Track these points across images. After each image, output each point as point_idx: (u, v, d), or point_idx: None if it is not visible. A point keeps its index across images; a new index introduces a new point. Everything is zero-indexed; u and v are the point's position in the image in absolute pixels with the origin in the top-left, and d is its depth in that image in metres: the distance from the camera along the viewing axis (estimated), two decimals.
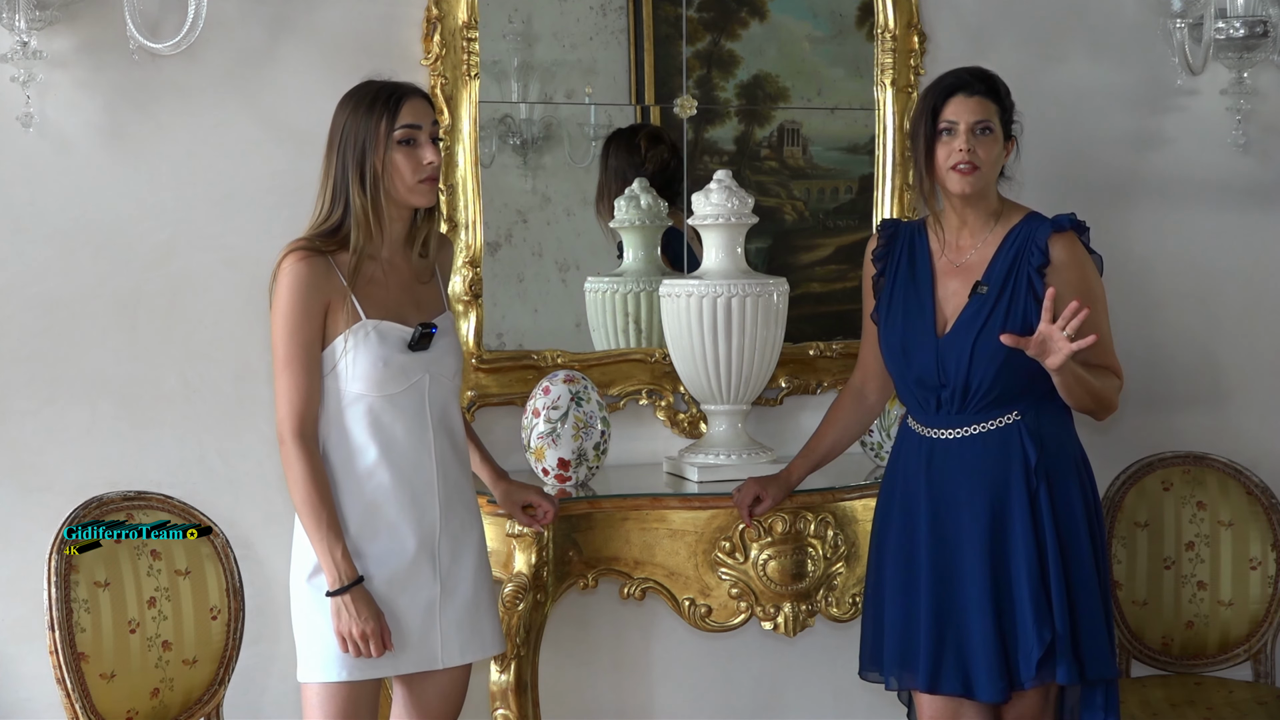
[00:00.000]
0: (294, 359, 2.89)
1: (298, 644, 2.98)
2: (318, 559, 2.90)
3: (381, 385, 2.92)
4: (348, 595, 2.87)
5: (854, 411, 3.45)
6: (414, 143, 2.94)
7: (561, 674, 3.91)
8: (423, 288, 3.04)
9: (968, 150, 3.12)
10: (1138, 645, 4.01)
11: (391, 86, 2.95)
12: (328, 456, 2.93)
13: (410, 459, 2.96)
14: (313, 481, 2.88)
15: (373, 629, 2.88)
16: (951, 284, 3.20)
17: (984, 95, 3.15)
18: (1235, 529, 3.99)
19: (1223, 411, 4.42)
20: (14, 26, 3.32)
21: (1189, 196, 4.37)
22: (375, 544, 2.93)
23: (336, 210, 2.93)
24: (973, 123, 3.14)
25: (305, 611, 2.95)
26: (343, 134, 2.92)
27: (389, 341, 2.93)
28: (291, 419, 2.88)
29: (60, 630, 3.24)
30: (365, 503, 2.93)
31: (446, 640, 3.00)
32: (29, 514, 3.49)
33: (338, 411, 2.93)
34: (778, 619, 3.58)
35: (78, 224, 3.53)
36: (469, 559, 3.04)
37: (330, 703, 2.93)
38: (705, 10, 3.99)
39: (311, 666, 2.95)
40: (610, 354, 3.92)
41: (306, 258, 2.89)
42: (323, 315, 2.91)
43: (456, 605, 3.01)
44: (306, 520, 2.89)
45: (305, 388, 2.89)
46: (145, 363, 3.59)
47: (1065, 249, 3.13)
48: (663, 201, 3.93)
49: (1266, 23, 4.10)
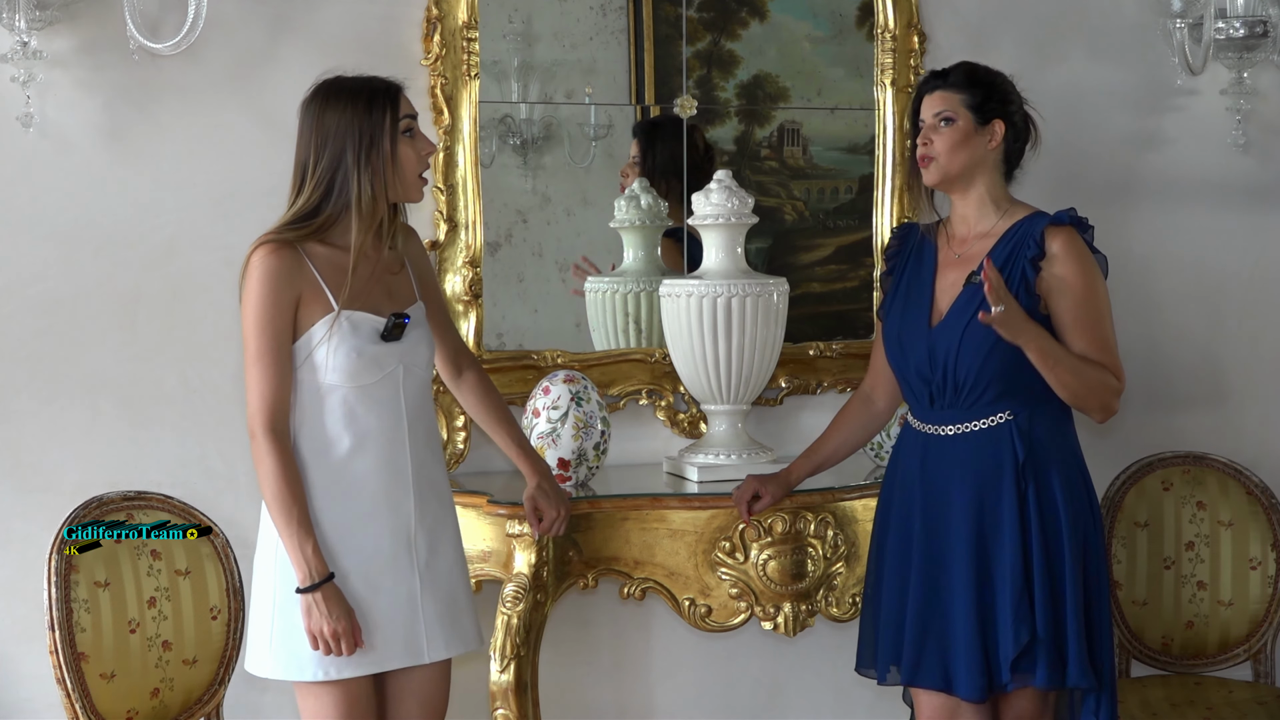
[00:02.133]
0: (265, 352, 2.87)
1: (261, 638, 2.94)
2: (288, 555, 2.87)
3: (355, 376, 2.91)
4: (318, 593, 2.84)
5: (861, 416, 3.44)
6: (412, 133, 2.97)
7: (561, 674, 3.91)
8: (394, 278, 3.03)
9: (923, 143, 3.19)
10: (1138, 645, 4.01)
11: (380, 81, 2.96)
12: (300, 449, 2.91)
13: (385, 450, 2.94)
14: (284, 476, 2.85)
15: (344, 627, 2.85)
16: (950, 276, 3.21)
17: (945, 88, 3.20)
18: (1235, 529, 3.99)
19: (1223, 411, 4.42)
20: (14, 26, 3.33)
21: (1189, 196, 4.37)
22: (350, 537, 2.91)
23: (326, 205, 2.91)
24: (933, 115, 3.20)
25: (284, 608, 2.91)
26: (339, 129, 2.90)
27: (362, 332, 2.92)
28: (262, 412, 2.87)
29: (60, 630, 3.24)
30: (339, 496, 2.91)
31: (430, 634, 2.98)
32: (29, 514, 3.49)
33: (311, 403, 2.92)
34: (778, 619, 3.58)
35: (78, 224, 3.54)
36: (446, 551, 3.02)
37: (322, 701, 2.92)
38: (705, 10, 3.99)
39: (301, 665, 2.91)
40: (610, 354, 3.92)
41: (276, 250, 2.88)
42: (294, 308, 2.89)
43: (438, 598, 2.99)
44: (277, 515, 2.86)
45: (276, 381, 2.88)
46: (145, 363, 3.60)
47: (1062, 242, 3.13)
48: (663, 201, 3.93)
49: (1266, 23, 4.10)
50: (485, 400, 3.25)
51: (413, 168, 2.96)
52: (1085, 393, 3.11)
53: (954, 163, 3.18)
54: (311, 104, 2.95)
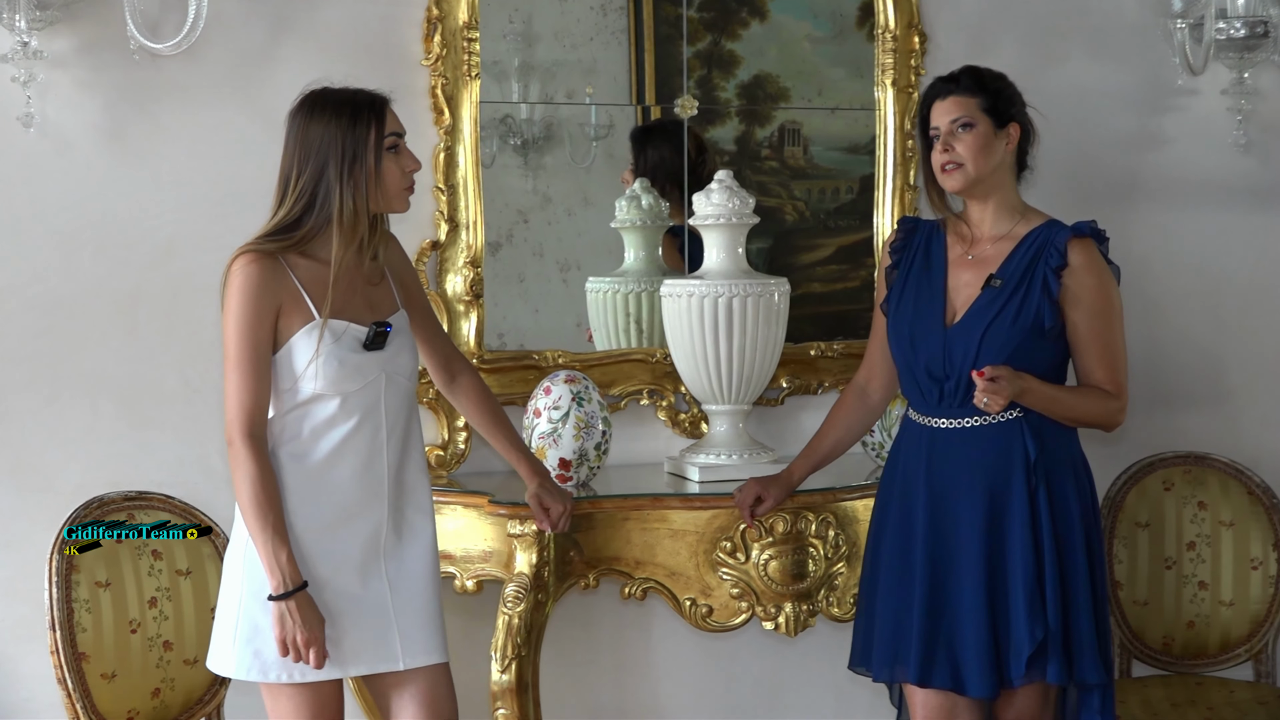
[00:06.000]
0: (244, 360, 2.87)
1: (225, 638, 2.93)
2: (261, 562, 2.86)
3: (337, 384, 2.91)
4: (292, 600, 2.84)
5: (857, 410, 3.44)
6: (397, 149, 2.95)
7: (562, 674, 3.91)
8: (374, 289, 3.02)
9: (945, 150, 3.18)
10: (1138, 645, 4.01)
11: (367, 94, 2.94)
12: (278, 456, 2.91)
13: (361, 458, 2.94)
14: (260, 483, 2.85)
15: (316, 636, 2.85)
16: (964, 276, 3.21)
17: (960, 93, 3.19)
18: (1236, 529, 3.99)
19: (1224, 411, 4.42)
20: (14, 26, 3.33)
21: (1189, 197, 4.37)
22: (321, 543, 2.91)
23: (308, 219, 2.90)
24: (949, 123, 3.18)
25: (250, 609, 2.90)
26: (322, 142, 2.90)
27: (344, 341, 2.92)
28: (241, 420, 2.86)
29: (61, 630, 3.24)
30: (314, 502, 2.91)
31: (407, 640, 2.97)
32: (29, 514, 3.49)
33: (291, 411, 2.91)
34: (779, 619, 3.58)
35: (78, 224, 3.53)
36: (417, 562, 3.01)
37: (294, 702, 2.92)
38: (705, 10, 3.99)
39: (265, 666, 2.90)
40: (611, 354, 3.92)
41: (258, 259, 2.88)
42: (274, 317, 2.89)
43: (412, 606, 2.99)
44: (252, 522, 2.86)
45: (255, 389, 2.87)
46: (145, 363, 3.59)
47: (1084, 254, 3.14)
48: (663, 201, 3.93)
49: (1267, 23, 4.10)
50: (481, 405, 3.25)
51: (396, 183, 2.94)
52: (1086, 422, 3.19)
53: (982, 167, 3.17)
54: (297, 115, 2.95)
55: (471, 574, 3.53)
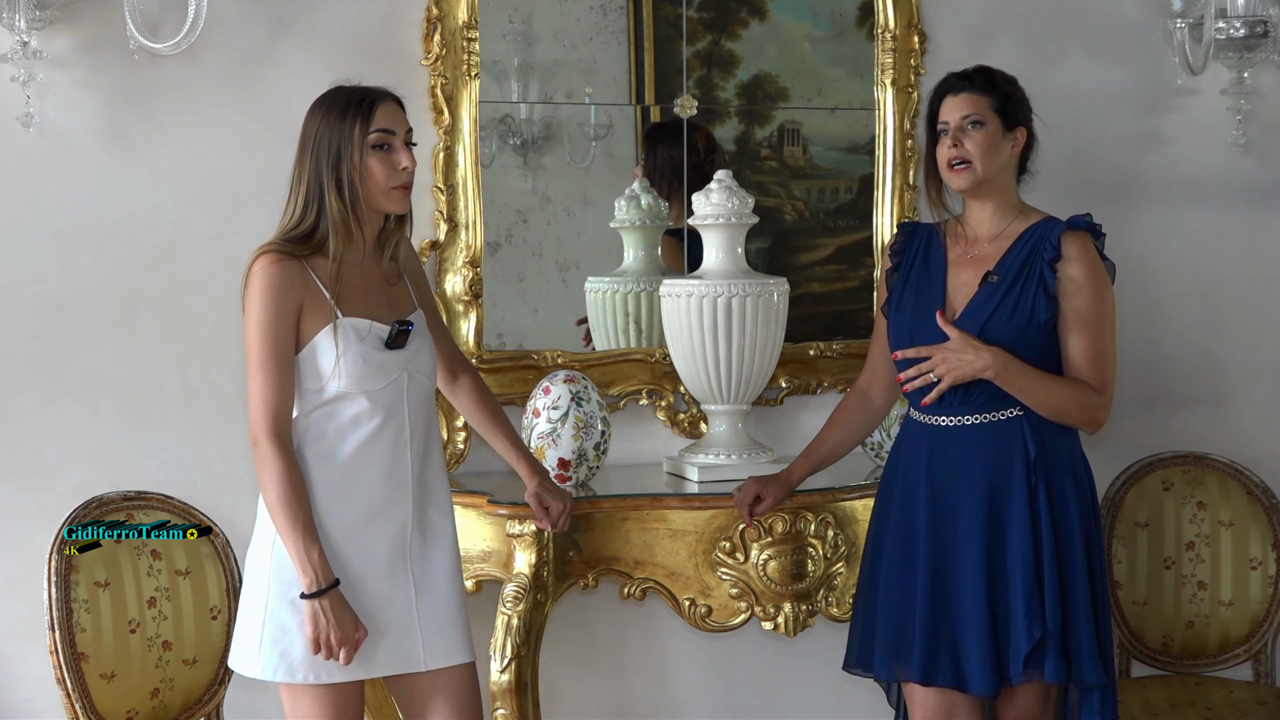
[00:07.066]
0: (268, 359, 2.87)
1: (250, 639, 2.92)
2: (292, 561, 2.86)
3: (361, 382, 2.91)
4: (325, 599, 2.84)
5: (858, 414, 3.44)
6: (388, 148, 2.92)
7: (561, 674, 3.91)
8: (392, 289, 3.03)
9: (955, 146, 3.17)
10: (1138, 645, 4.01)
11: (363, 91, 2.94)
12: (305, 455, 2.91)
13: (387, 457, 2.95)
14: (288, 482, 2.85)
15: (349, 634, 2.85)
16: (963, 275, 3.22)
17: (972, 91, 3.19)
18: (1235, 529, 3.99)
19: (1223, 411, 4.42)
20: (14, 26, 3.33)
21: (1189, 197, 4.37)
22: (349, 543, 2.91)
23: (309, 216, 2.91)
24: (960, 119, 3.18)
25: (276, 610, 2.91)
26: (315, 139, 2.91)
27: (367, 340, 2.92)
28: (266, 419, 2.86)
29: (60, 630, 3.24)
30: (342, 501, 2.91)
31: (428, 641, 2.98)
32: (29, 514, 3.49)
33: (315, 410, 2.92)
34: (778, 619, 3.58)
35: (78, 224, 3.53)
36: (441, 561, 3.02)
37: (319, 703, 2.92)
38: (705, 10, 3.99)
39: (291, 667, 2.90)
40: (610, 354, 3.92)
41: (279, 260, 2.88)
42: (296, 316, 2.89)
43: (434, 606, 2.99)
44: (281, 522, 2.85)
45: (279, 388, 2.87)
46: (145, 363, 3.60)
47: (1077, 246, 3.15)
48: (663, 201, 3.93)
49: (1267, 23, 4.10)
50: (481, 405, 3.26)
51: (380, 181, 2.92)
52: (1065, 411, 3.14)
53: (989, 167, 3.18)
54: (307, 113, 2.96)
55: (471, 574, 3.53)
